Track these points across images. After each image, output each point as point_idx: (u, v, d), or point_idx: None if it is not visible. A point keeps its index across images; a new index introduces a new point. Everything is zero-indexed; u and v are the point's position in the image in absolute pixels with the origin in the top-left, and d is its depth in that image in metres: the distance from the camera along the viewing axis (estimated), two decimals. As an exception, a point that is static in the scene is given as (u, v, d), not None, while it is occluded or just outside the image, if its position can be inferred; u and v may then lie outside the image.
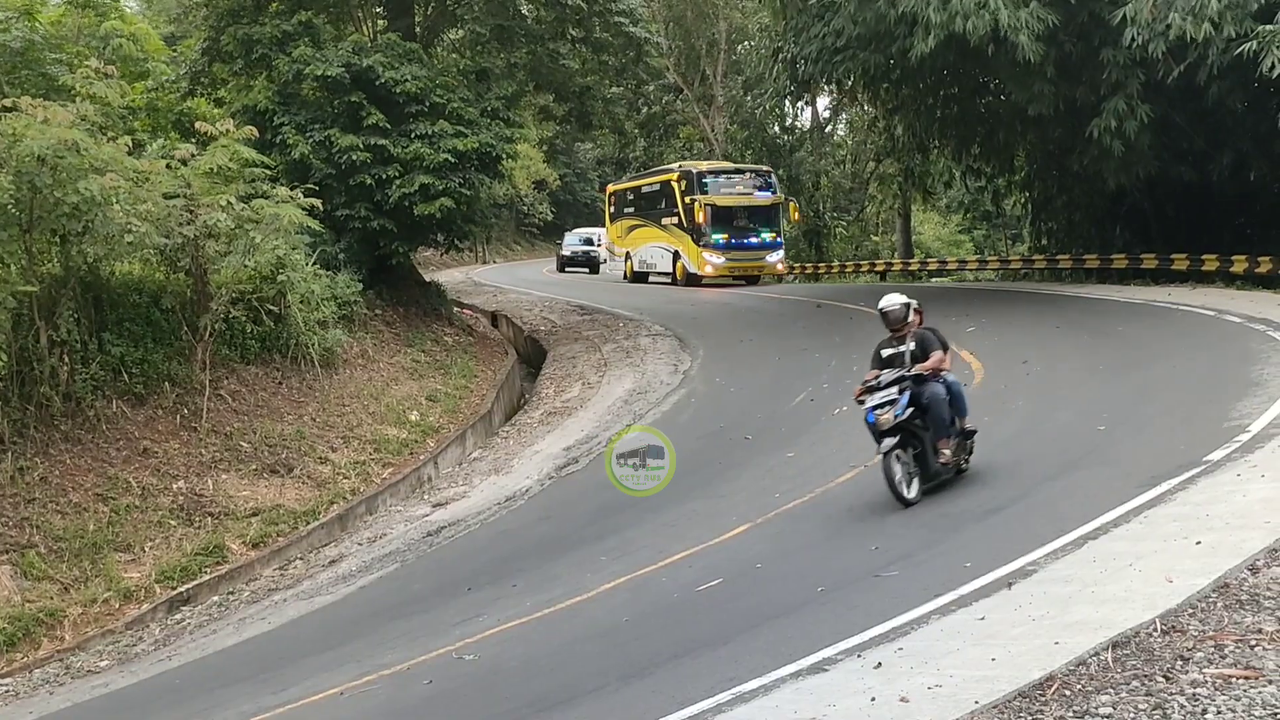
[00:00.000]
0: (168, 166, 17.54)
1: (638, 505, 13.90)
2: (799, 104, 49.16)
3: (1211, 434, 11.03)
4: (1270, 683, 5.78)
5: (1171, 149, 23.88)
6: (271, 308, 19.10)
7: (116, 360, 16.77)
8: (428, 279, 30.70)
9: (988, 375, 16.68)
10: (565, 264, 54.81)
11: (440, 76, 24.40)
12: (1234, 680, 5.89)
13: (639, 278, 42.70)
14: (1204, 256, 24.00)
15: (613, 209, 46.18)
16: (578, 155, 74.19)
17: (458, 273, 49.51)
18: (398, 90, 23.61)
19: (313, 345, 19.70)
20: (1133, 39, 19.94)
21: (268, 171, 19.40)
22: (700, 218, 37.33)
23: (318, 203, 19.29)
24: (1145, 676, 6.13)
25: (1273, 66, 18.54)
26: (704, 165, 39.72)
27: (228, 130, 18.58)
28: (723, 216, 37.68)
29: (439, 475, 18.51)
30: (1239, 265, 23.01)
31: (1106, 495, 9.75)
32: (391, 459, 18.77)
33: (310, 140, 23.19)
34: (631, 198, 44.27)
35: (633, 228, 43.44)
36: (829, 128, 53.26)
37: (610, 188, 48.21)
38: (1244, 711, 5.50)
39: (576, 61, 29.32)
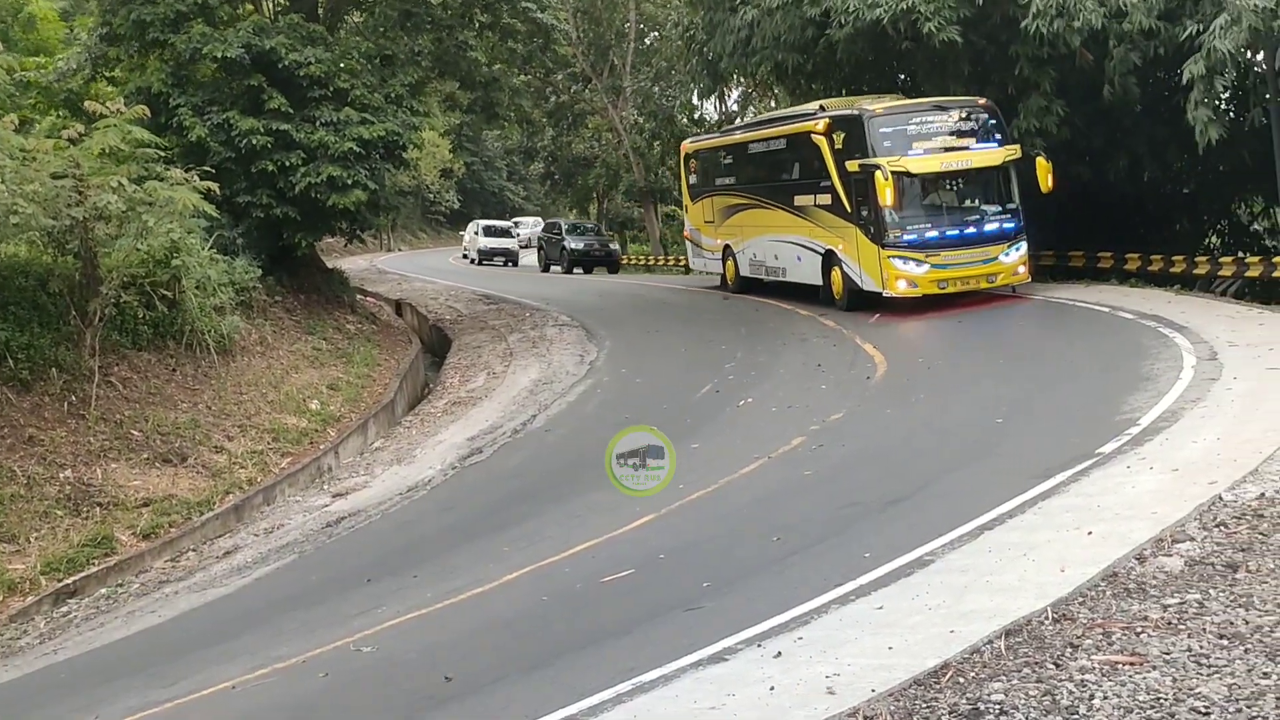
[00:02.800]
0: (56, 146, 17.01)
1: (542, 496, 13.84)
2: (708, 97, 41.20)
3: (1103, 427, 11.27)
4: (1154, 669, 5.91)
5: (1070, 149, 24.38)
6: (165, 293, 18.62)
7: (0, 345, 16.23)
8: (330, 266, 30.22)
9: (890, 369, 16.88)
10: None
11: (344, 60, 24.00)
12: (1120, 666, 6.02)
13: (748, 285, 27.15)
14: (1099, 254, 24.57)
15: (694, 179, 30.30)
16: (485, 144, 73.66)
17: (361, 260, 48.87)
18: (301, 73, 23.17)
19: (209, 332, 19.26)
20: (1037, 29, 20.29)
21: (161, 153, 18.90)
22: (884, 197, 20.52)
23: (214, 186, 18.85)
24: (1036, 664, 6.24)
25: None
26: (876, 104, 22.31)
27: (118, 110, 18.08)
28: (920, 191, 21.40)
29: (339, 465, 18.23)
30: (1132, 263, 23.58)
31: (1002, 487, 9.91)
32: (290, 448, 18.43)
33: (208, 123, 22.65)
34: (730, 161, 28.32)
35: (734, 209, 27.46)
36: (738, 120, 53.50)
37: (688, 146, 31.52)
38: (1129, 697, 5.63)
39: (483, 51, 29.02)
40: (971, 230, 21.07)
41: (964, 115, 21.31)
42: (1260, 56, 19.57)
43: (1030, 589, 7.37)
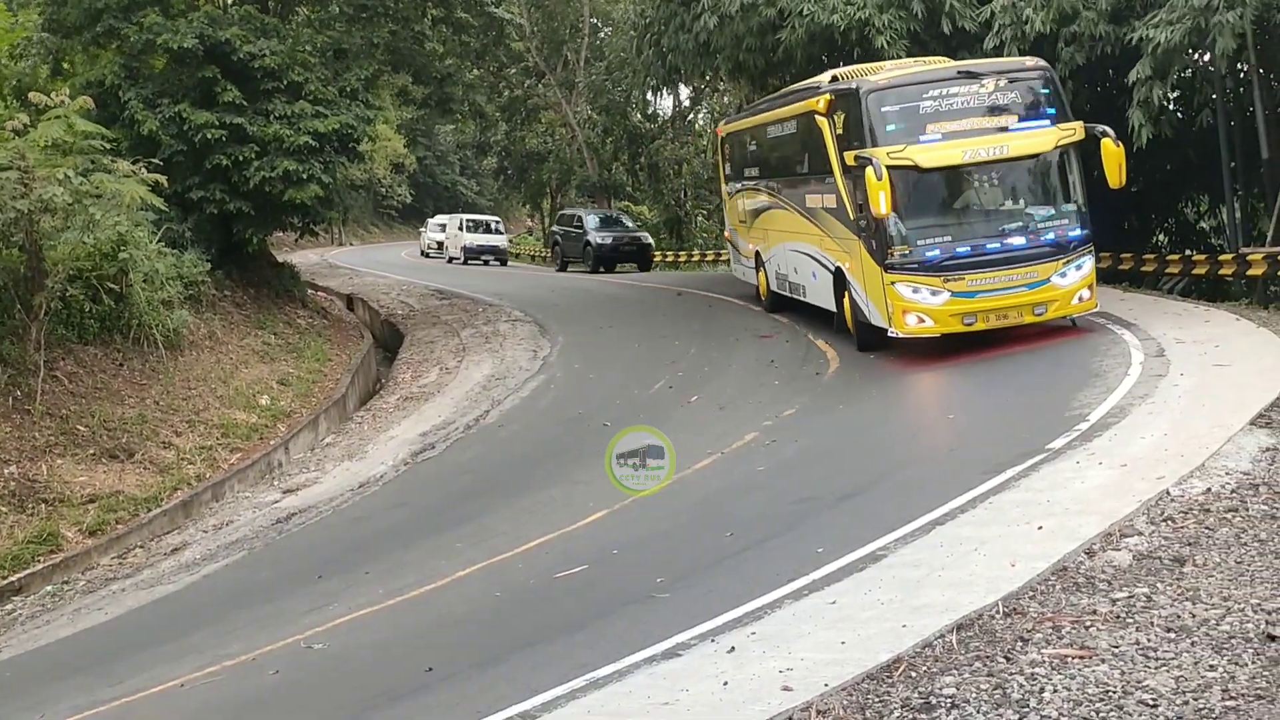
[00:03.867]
0: (0, 138, 16.72)
1: (494, 492, 13.78)
2: (661, 91, 38.68)
3: (1053, 423, 11.38)
4: (1103, 661, 5.98)
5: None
6: (112, 286, 18.36)
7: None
8: (281, 260, 29.93)
9: (842, 364, 16.98)
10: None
11: (298, 51, 23.78)
12: (1070, 660, 6.09)
13: (780, 303, 21.91)
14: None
15: (728, 168, 25.59)
16: (438, 138, 73.29)
17: (312, 254, 48.46)
18: (256, 65, 22.92)
19: (156, 326, 19.01)
20: (994, 44, 20.38)
21: (109, 145, 18.63)
22: (876, 202, 15.30)
23: (162, 179, 18.60)
24: (987, 657, 6.29)
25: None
26: (883, 74, 17.05)
27: (63, 101, 17.81)
28: (936, 192, 16.29)
29: (290, 461, 18.07)
30: (1080, 261, 23.91)
31: (954, 482, 9.98)
32: (240, 444, 18.25)
33: (160, 115, 22.35)
34: (754, 147, 23.12)
35: (761, 207, 22.45)
36: (690, 116, 53.58)
37: (722, 128, 26.39)
38: (1078, 689, 5.69)
39: (438, 44, 28.86)
40: (1012, 243, 15.59)
41: (1002, 84, 15.91)
42: (1206, 58, 19.81)
43: (981, 583, 7.43)
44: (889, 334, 15.93)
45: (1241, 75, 21.06)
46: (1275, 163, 19.67)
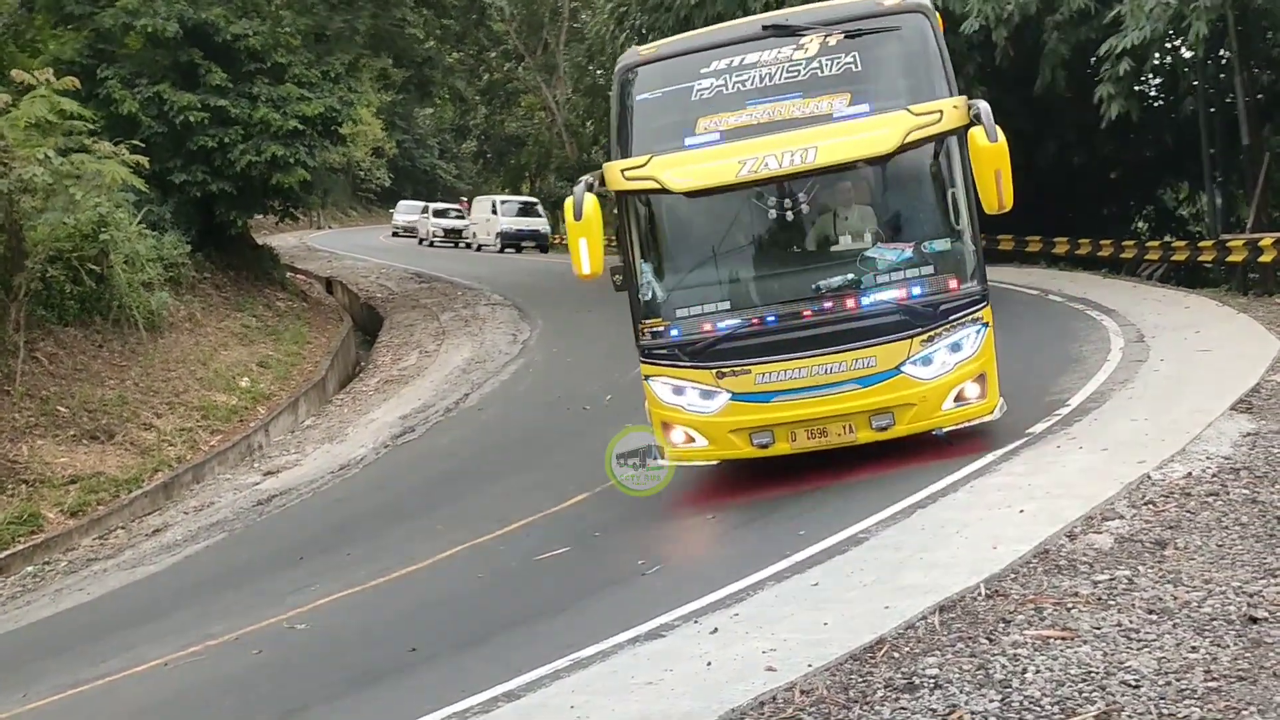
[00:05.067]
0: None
1: (475, 475, 13.79)
2: None
3: (1034, 408, 11.44)
4: (1085, 643, 6.03)
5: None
6: (93, 267, 18.28)
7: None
8: (260, 243, 29.82)
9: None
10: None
11: (280, 33, 23.64)
12: (1052, 641, 6.13)
13: None
14: (1028, 238, 24.93)
15: None
16: (417, 122, 72.95)
17: (291, 237, 48.23)
18: (240, 46, 22.78)
19: (136, 308, 18.94)
20: (975, 27, 20.36)
21: (89, 125, 18.52)
22: (583, 256, 9.93)
23: (144, 160, 18.50)
24: (970, 638, 6.33)
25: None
26: (677, 40, 11.48)
27: (47, 80, 17.67)
28: (708, 228, 10.59)
29: (270, 443, 18.03)
30: (1061, 247, 23.99)
31: (934, 466, 10.03)
32: (220, 426, 18.20)
33: (139, 96, 22.19)
34: None
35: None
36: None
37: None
38: (1060, 670, 5.73)
39: (420, 29, 28.74)
40: (831, 310, 10.04)
41: (832, 43, 10.08)
42: (1186, 42, 19.90)
43: (963, 566, 7.46)
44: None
45: (1223, 62, 21.17)
46: (1255, 149, 19.79)
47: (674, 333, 10.32)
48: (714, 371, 10.09)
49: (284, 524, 13.71)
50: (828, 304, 10.08)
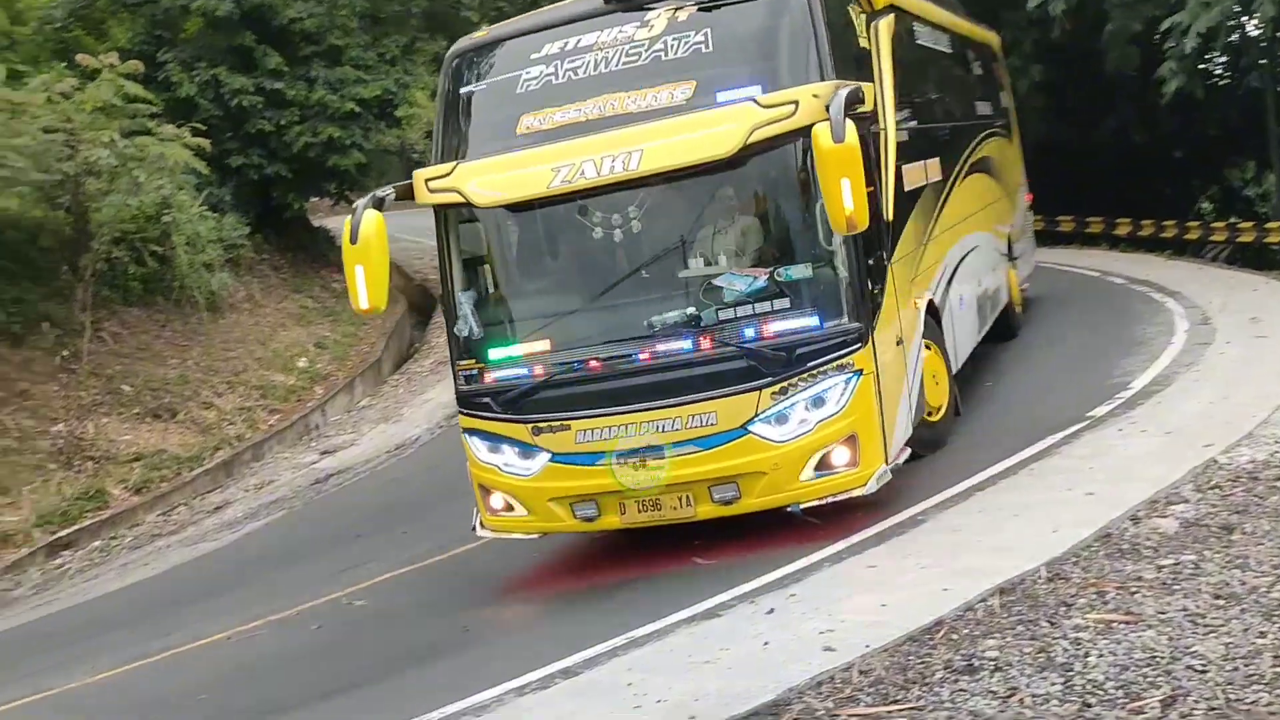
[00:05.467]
0: (48, 100, 16.83)
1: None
2: None
3: (1096, 391, 11.29)
4: (1149, 627, 5.95)
5: (1058, 111, 24.30)
6: (156, 249, 18.53)
7: (-11, 298, 16.16)
8: (317, 225, 30.07)
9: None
10: None
11: (336, 14, 23.77)
12: (1115, 625, 6.06)
13: None
14: (1089, 219, 24.59)
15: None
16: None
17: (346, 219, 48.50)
18: (295, 29, 22.93)
19: (198, 288, 19.19)
20: (1036, 3, 20.02)
21: (152, 108, 18.75)
22: (360, 288, 8.32)
23: (205, 143, 18.70)
24: (1030, 621, 6.27)
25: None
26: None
27: (112, 64, 17.90)
28: (524, 249, 9.16)
29: (327, 423, 18.22)
30: (1123, 228, 23.65)
31: (993, 449, 9.93)
32: (278, 405, 18.41)
33: (196, 79, 22.42)
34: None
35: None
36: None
37: None
38: (1124, 654, 5.66)
39: (476, 12, 28.77)
40: (665, 353, 8.28)
41: (683, 19, 8.42)
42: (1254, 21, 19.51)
43: (1023, 548, 7.39)
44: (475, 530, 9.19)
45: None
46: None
47: (489, 377, 8.63)
48: (530, 426, 8.38)
49: (341, 502, 13.85)
50: (660, 346, 8.18)
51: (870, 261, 8.37)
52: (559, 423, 8.31)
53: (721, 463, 8.10)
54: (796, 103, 7.75)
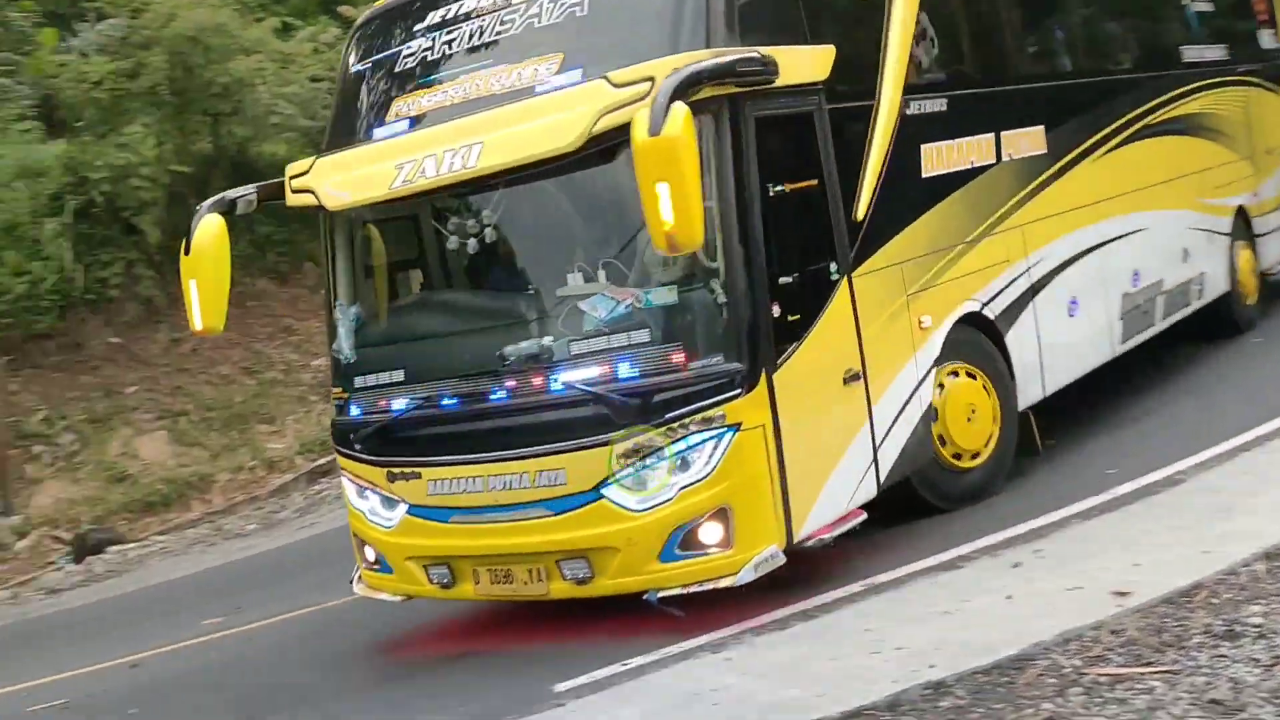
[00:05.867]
0: (314, 50, 17.70)
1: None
2: None
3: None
4: None
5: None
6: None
7: (262, 239, 17.17)
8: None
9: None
10: None
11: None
12: (1394, 595, 5.68)
13: None
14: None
15: None
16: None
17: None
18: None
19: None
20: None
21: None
22: (194, 309, 7.40)
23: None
24: (1299, 588, 5.94)
25: None
26: None
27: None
28: (381, 261, 7.83)
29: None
30: None
31: (1259, 408, 9.37)
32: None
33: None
34: None
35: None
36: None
37: None
38: None
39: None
40: (517, 389, 6.89)
41: None
42: None
43: (1292, 512, 6.99)
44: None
45: None
46: None
47: (354, 409, 7.59)
48: (386, 469, 7.31)
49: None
50: (509, 383, 6.83)
51: (787, 279, 6.79)
52: (411, 469, 7.16)
53: (571, 532, 6.62)
54: (652, 79, 6.11)
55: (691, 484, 6.46)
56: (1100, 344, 10.05)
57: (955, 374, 8.31)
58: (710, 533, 6.55)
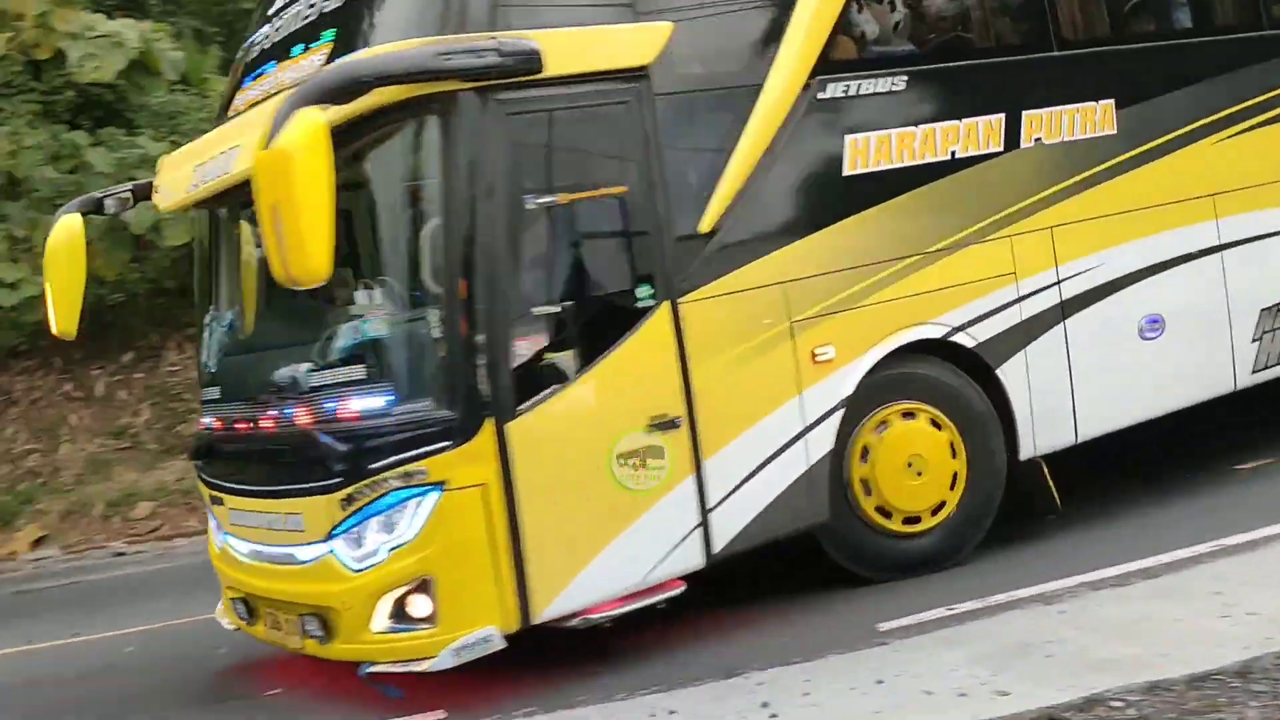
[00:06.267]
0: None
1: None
2: None
3: None
4: None
5: None
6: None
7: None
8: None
9: None
10: None
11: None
12: None
13: None
14: None
15: None
16: None
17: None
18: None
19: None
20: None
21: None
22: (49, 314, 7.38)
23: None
24: None
25: None
26: None
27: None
28: (219, 271, 7.31)
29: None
30: None
31: None
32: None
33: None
34: None
35: None
36: None
37: None
38: None
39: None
40: (275, 420, 6.23)
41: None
42: None
43: None
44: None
45: None
46: None
47: (201, 421, 7.34)
48: (210, 490, 6.99)
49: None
50: (273, 413, 6.18)
51: (547, 309, 5.88)
52: (216, 494, 6.87)
53: (303, 585, 5.98)
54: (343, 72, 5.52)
55: (397, 547, 5.63)
56: (1212, 372, 7.98)
57: (910, 415, 6.91)
58: (418, 605, 5.67)
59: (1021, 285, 7.22)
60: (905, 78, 6.96)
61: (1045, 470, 7.33)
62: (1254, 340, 8.09)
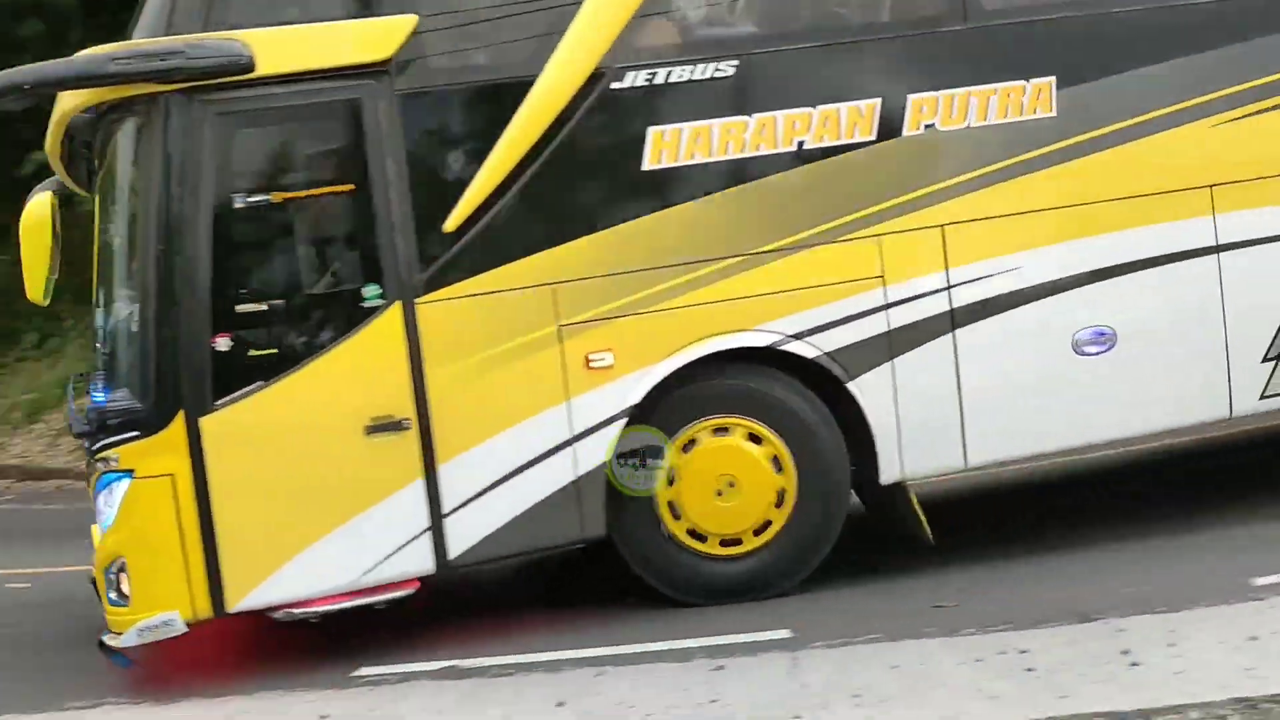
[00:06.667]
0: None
1: None
2: None
3: None
4: None
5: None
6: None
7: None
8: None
9: None
10: None
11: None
12: None
13: None
14: None
15: None
16: None
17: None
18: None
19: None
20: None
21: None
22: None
23: None
24: None
25: None
26: None
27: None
28: None
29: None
30: None
31: None
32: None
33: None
34: None
35: None
36: None
37: None
38: None
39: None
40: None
41: None
42: None
43: None
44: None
45: None
46: None
47: None
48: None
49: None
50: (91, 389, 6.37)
51: (251, 307, 5.78)
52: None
53: (100, 542, 6.03)
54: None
55: (106, 527, 5.83)
56: (1194, 396, 6.65)
57: (723, 430, 6.21)
58: (122, 583, 5.78)
59: (891, 291, 6.32)
60: (734, 62, 6.19)
61: (912, 497, 6.41)
62: (1265, 360, 6.68)
